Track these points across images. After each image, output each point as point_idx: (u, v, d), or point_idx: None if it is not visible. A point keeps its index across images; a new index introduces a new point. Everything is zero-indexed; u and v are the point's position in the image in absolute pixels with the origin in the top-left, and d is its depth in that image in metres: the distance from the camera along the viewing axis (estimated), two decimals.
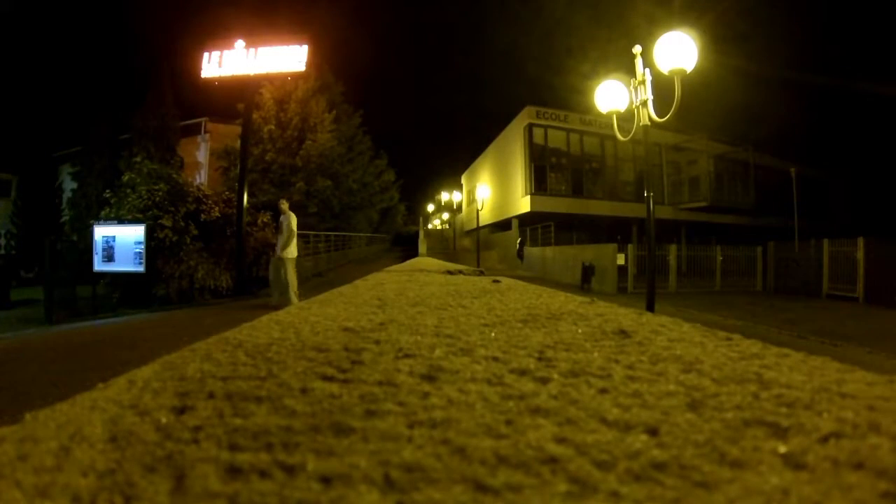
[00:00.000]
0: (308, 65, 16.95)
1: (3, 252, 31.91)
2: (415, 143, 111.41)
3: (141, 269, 14.60)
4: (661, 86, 8.13)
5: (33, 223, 31.76)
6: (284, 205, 12.57)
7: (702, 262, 21.44)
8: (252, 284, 16.60)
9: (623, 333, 1.20)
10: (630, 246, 20.25)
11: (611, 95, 9.06)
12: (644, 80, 8.33)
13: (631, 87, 8.62)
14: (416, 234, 43.75)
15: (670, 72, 7.48)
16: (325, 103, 28.47)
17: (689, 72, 7.50)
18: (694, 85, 8.31)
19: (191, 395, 0.72)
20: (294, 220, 12.17)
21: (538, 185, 31.13)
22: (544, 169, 31.62)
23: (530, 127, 31.26)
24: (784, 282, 20.28)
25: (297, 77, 18.21)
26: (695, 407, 0.65)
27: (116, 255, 14.89)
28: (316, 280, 19.92)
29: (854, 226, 24.47)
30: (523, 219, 32.47)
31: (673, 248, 20.67)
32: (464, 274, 3.22)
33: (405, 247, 42.64)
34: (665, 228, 33.97)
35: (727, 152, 34.55)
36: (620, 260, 19.60)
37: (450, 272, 3.19)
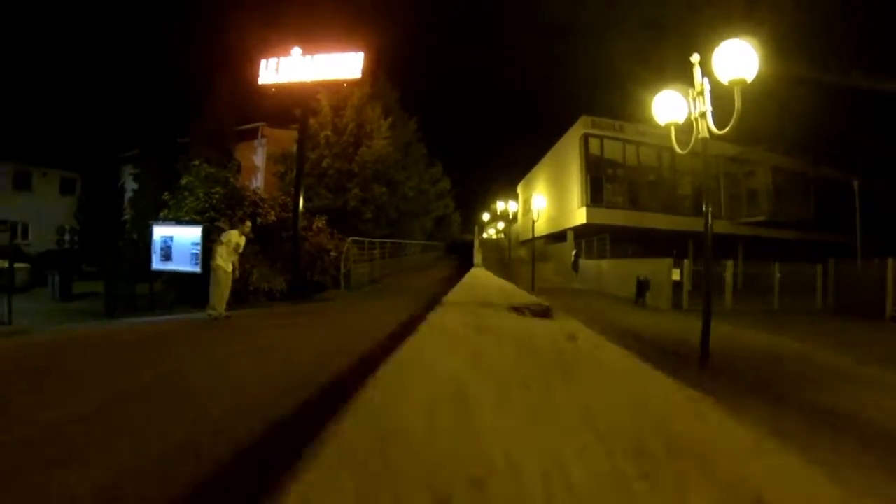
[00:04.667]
0: (363, 72, 16.93)
1: (67, 246, 32.97)
2: (471, 151, 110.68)
3: (197, 269, 14.67)
4: (720, 95, 7.86)
5: (95, 220, 32.81)
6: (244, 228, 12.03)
7: (759, 278, 20.62)
8: (307, 288, 16.61)
9: None
10: (686, 261, 19.81)
11: (669, 106, 8.79)
12: (703, 91, 8.05)
13: (689, 98, 8.34)
14: (471, 243, 43.47)
15: (730, 82, 7.23)
16: (381, 109, 28.45)
17: (749, 81, 7.20)
18: (753, 93, 7.95)
19: None
20: (234, 235, 11.45)
21: (594, 196, 30.78)
22: (600, 180, 31.25)
23: (586, 137, 31.00)
24: (845, 302, 19.15)
25: (352, 84, 18.14)
26: None
27: (174, 255, 15.03)
28: (370, 287, 19.97)
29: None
30: (578, 230, 32.13)
31: (729, 263, 20.04)
32: (531, 311, 3.01)
33: (459, 255, 42.54)
34: (722, 243, 32.97)
35: (786, 164, 33.42)
36: (675, 275, 19.17)
37: (516, 309, 2.99)
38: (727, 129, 7.52)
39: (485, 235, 72.65)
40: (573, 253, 31.85)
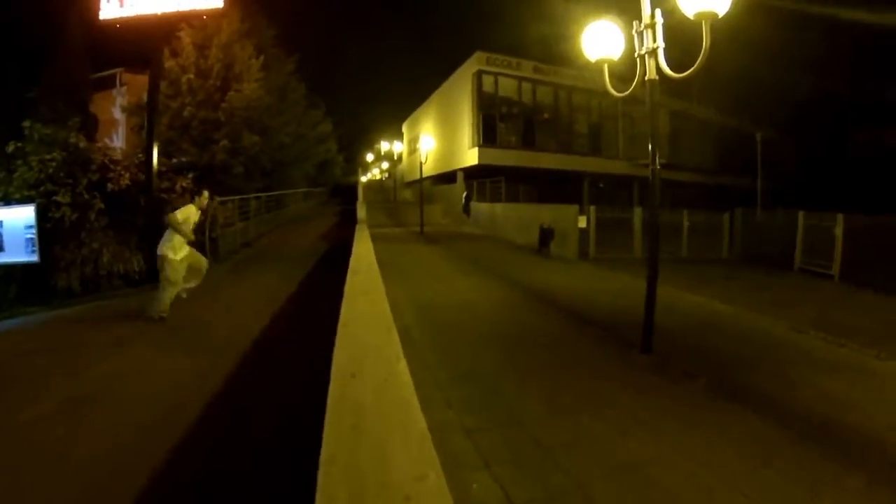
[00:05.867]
0: (227, 1, 14.36)
1: None
2: (354, 88, 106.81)
3: (34, 258, 12.24)
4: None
5: None
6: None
7: (667, 225, 20.01)
8: None
9: None
10: (591, 207, 18.87)
11: (603, 40, 7.25)
12: (654, 24, 6.54)
13: (633, 32, 6.83)
14: (354, 187, 42.33)
15: (697, 15, 5.72)
16: (253, 48, 25.10)
17: (720, 16, 5.75)
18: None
19: None
20: (192, 213, 9.67)
21: (487, 136, 29.64)
22: (494, 119, 30.10)
23: (480, 74, 29.55)
24: (753, 251, 19.43)
25: (214, 15, 15.55)
26: None
27: (5, 244, 12.43)
28: (242, 254, 17.65)
29: (804, 187, 25.11)
30: (470, 171, 31.11)
31: (638, 210, 19.26)
32: None
33: (343, 198, 42.46)
34: (619, 184, 33.04)
35: (685, 109, 33.43)
36: (582, 222, 18.35)
37: None
38: (691, 71, 6.09)
39: (369, 176, 72.06)
40: (464, 195, 30.81)
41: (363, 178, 63.47)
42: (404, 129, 52.36)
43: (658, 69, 6.56)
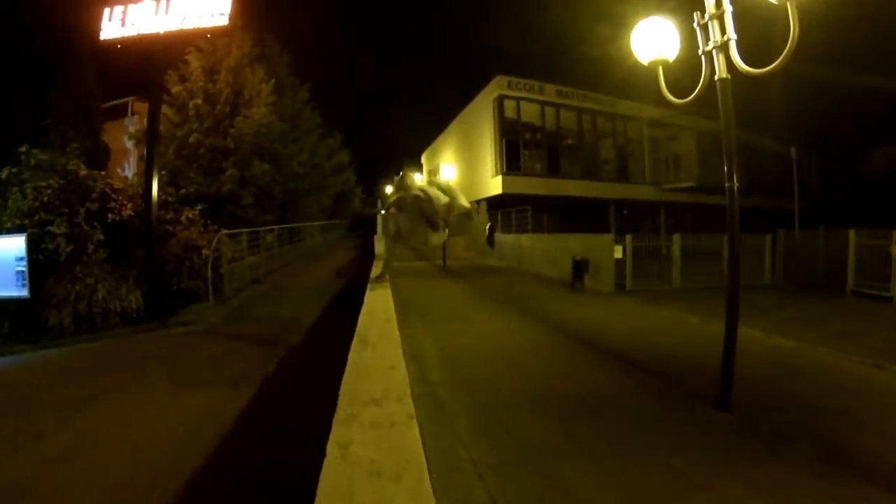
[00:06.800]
0: (233, 17, 13.52)
1: None
2: (375, 121, 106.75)
3: (24, 292, 11.30)
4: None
5: None
6: None
7: (705, 251, 18.72)
8: (171, 300, 13.28)
9: None
10: (628, 236, 17.54)
11: (656, 39, 6.13)
12: (722, 13, 5.39)
13: (695, 26, 5.72)
14: (374, 218, 41.85)
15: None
16: (264, 73, 24.27)
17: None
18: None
19: None
20: None
21: (510, 163, 28.48)
22: (517, 145, 28.89)
23: (501, 99, 28.45)
24: (796, 274, 18.08)
25: (222, 34, 14.75)
26: None
27: None
28: (249, 292, 16.49)
29: (831, 206, 24.30)
30: (493, 201, 29.84)
31: (677, 237, 17.93)
32: None
33: (363, 231, 41.18)
34: (644, 210, 31.86)
35: (712, 128, 32.11)
36: (618, 253, 16.90)
37: None
38: (776, 64, 4.87)
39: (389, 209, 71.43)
40: (487, 226, 29.25)
41: (383, 211, 62.52)
42: (423, 159, 51.29)
43: (730, 66, 5.42)
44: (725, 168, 5.87)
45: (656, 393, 6.69)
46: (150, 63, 14.10)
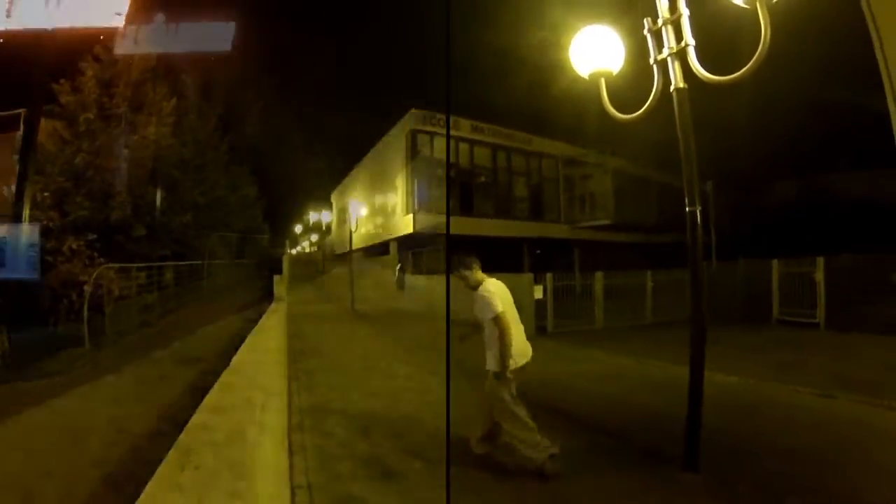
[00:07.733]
0: (127, 21, 12.21)
1: None
2: (283, 159, 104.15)
3: None
4: None
5: None
6: None
7: (624, 288, 18.60)
8: (45, 346, 11.49)
9: None
10: (549, 275, 17.16)
11: (598, 49, 5.54)
12: (679, 17, 4.85)
13: (646, 33, 5.21)
14: (281, 259, 40.63)
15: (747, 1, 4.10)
16: (167, 90, 22.27)
17: None
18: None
19: None
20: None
21: (422, 201, 27.79)
22: (429, 183, 28.34)
23: (414, 134, 27.95)
24: (718, 306, 17.87)
25: (115, 36, 13.49)
26: None
27: None
28: (135, 336, 14.51)
29: (735, 239, 24.62)
30: (404, 241, 29.28)
31: (599, 275, 17.79)
32: None
33: (270, 271, 39.08)
34: (558, 249, 31.70)
35: (627, 168, 32.61)
36: (538, 293, 16.56)
37: None
38: (743, 72, 4.28)
39: (298, 248, 71.34)
40: (397, 267, 28.61)
41: (292, 251, 61.80)
42: (333, 198, 50.36)
43: (685, 74, 4.98)
44: (685, 191, 5.62)
45: (608, 454, 5.70)
46: (35, 64, 12.66)
